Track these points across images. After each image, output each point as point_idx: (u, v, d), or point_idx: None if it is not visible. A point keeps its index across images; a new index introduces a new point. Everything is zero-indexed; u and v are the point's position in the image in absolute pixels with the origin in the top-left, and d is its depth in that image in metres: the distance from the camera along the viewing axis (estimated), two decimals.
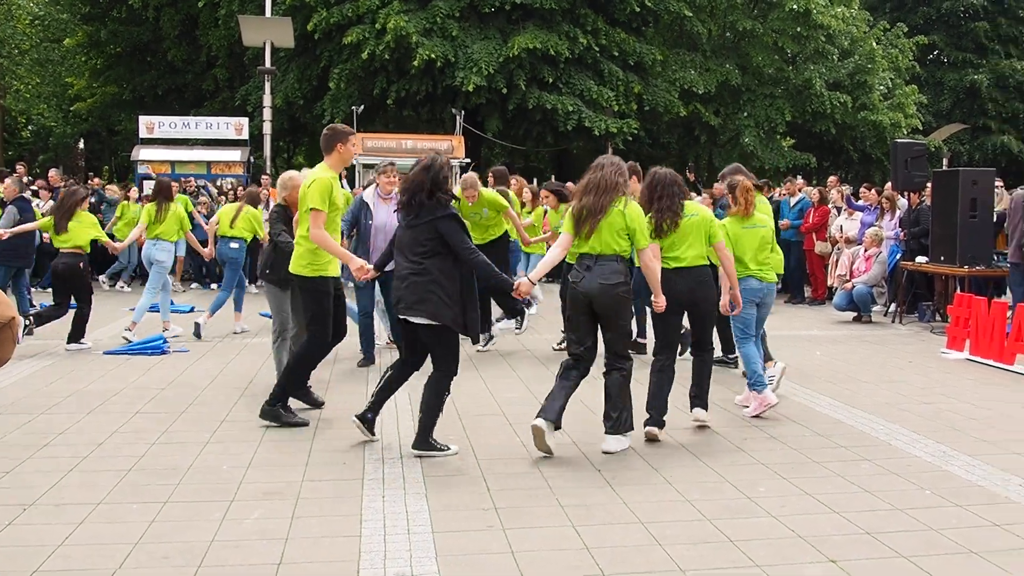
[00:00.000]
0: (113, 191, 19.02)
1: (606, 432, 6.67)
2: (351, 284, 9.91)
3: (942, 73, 38.10)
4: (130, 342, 10.74)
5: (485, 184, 11.70)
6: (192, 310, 13.91)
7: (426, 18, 25.10)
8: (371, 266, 7.29)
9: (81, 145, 38.55)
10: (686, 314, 7.35)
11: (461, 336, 6.61)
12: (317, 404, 7.86)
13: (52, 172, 19.63)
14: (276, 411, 7.31)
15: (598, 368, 6.72)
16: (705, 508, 5.44)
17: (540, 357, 10.43)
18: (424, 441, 6.51)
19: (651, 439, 6.94)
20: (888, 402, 8.33)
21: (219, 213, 12.74)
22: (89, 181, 22.94)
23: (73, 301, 10.87)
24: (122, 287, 17.28)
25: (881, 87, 30.94)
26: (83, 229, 10.78)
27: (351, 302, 9.27)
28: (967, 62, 37.51)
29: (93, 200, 18.61)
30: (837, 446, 6.85)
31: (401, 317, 6.56)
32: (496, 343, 10.91)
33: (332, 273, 7.34)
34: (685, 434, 7.15)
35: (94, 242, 11.15)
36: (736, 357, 9.62)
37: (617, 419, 6.63)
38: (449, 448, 6.54)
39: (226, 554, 4.72)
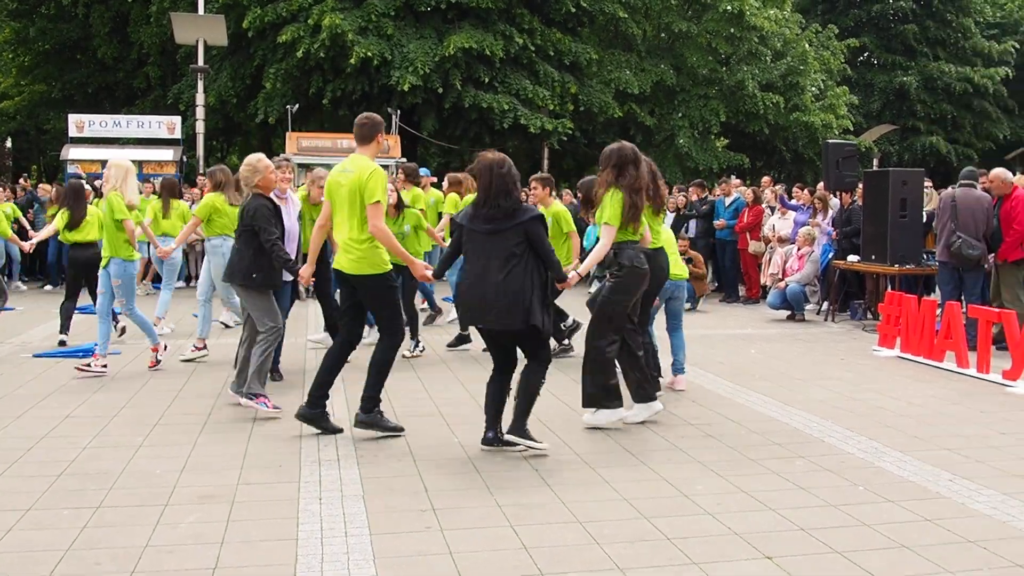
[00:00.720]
0: (46, 191, 18.59)
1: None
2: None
3: (872, 75, 38.70)
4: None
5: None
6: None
7: (361, 16, 24.94)
8: (431, 272, 7.07)
9: (9, 144, 37.74)
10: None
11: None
12: (335, 430, 7.08)
13: None
14: (374, 418, 6.97)
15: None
16: (642, 506, 5.48)
17: (477, 358, 10.42)
18: (519, 428, 6.50)
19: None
20: (821, 399, 8.45)
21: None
22: (21, 181, 22.44)
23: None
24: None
25: (813, 88, 31.34)
26: (93, 220, 10.73)
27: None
28: (896, 64, 38.15)
29: (23, 201, 18.28)
30: (772, 443, 6.93)
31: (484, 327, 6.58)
32: (427, 350, 10.75)
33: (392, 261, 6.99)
34: (622, 433, 7.18)
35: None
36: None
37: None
38: (541, 443, 6.56)
39: (160, 559, 4.65)
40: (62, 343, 10.65)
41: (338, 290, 7.33)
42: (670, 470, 6.23)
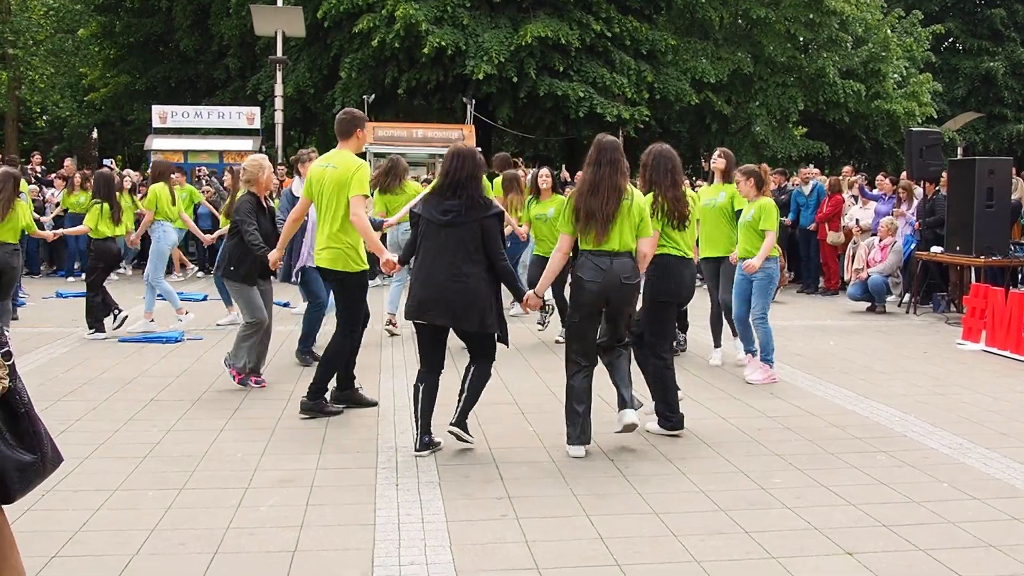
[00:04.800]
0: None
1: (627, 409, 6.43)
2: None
3: (957, 60, 37.86)
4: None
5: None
6: (206, 298, 13.87)
7: (436, 7, 25.05)
8: (396, 260, 6.82)
9: (95, 135, 38.66)
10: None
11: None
12: (369, 403, 7.56)
13: (67, 162, 19.72)
14: (318, 404, 7.21)
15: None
16: (719, 499, 5.43)
17: (552, 347, 10.42)
18: (463, 422, 6.33)
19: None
20: (903, 393, 8.29)
21: None
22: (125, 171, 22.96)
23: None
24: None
25: (895, 75, 30.74)
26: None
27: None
28: (983, 49, 37.26)
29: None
30: (852, 437, 6.82)
31: (427, 323, 6.23)
32: None
33: (366, 266, 7.25)
34: (698, 425, 7.12)
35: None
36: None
37: (630, 399, 6.47)
38: (472, 438, 6.40)
39: (242, 541, 4.74)
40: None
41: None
42: (747, 463, 6.17)
